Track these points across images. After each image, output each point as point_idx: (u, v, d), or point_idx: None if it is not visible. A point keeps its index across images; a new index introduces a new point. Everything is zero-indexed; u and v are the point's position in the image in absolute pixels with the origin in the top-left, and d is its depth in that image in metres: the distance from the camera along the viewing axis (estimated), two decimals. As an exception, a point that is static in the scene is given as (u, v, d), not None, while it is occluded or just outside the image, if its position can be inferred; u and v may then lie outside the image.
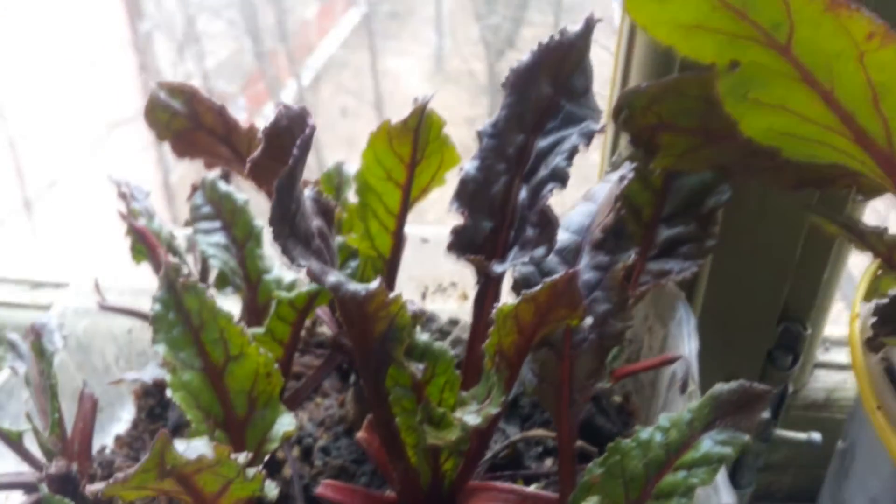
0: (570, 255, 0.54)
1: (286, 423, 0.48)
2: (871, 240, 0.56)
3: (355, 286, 0.40)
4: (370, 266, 0.62)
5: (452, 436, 0.46)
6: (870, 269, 0.66)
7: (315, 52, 3.95)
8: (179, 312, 0.47)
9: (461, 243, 0.52)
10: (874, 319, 0.57)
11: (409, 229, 0.72)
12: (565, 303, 0.42)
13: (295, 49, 3.86)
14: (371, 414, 0.52)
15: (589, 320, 0.51)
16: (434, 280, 0.79)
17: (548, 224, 0.50)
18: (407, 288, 0.78)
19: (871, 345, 0.57)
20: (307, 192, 0.44)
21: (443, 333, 0.76)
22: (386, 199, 0.59)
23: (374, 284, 0.41)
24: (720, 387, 0.47)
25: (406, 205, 0.60)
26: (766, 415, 0.79)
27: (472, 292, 0.57)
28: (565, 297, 0.41)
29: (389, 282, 0.63)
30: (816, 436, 0.80)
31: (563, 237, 0.55)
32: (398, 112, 0.54)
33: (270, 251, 0.65)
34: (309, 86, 3.82)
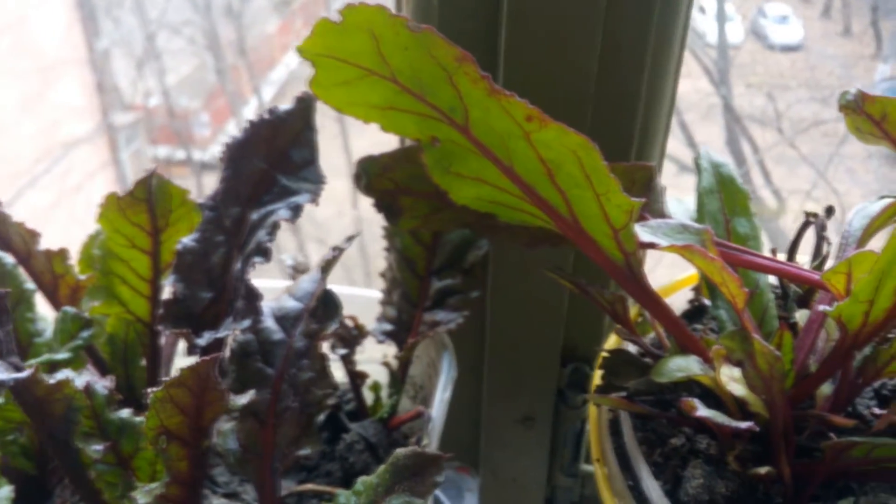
0: (290, 322, 0.55)
1: (2, 496, 0.50)
2: (595, 294, 0.58)
3: (2, 376, 0.42)
4: (132, 330, 0.64)
5: (142, 510, 0.48)
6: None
7: (277, 66, 3.96)
8: None
9: (174, 315, 0.54)
10: (602, 373, 0.59)
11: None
12: (212, 386, 0.44)
13: (256, 64, 3.87)
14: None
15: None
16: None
17: (252, 297, 0.52)
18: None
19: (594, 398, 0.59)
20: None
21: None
22: (134, 265, 0.61)
23: (24, 374, 0.43)
24: (399, 452, 0.49)
25: (158, 270, 0.62)
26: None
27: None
28: (210, 381, 0.43)
29: (154, 344, 0.65)
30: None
31: (289, 304, 0.57)
32: (361, 126, 0.54)
33: (45, 314, 0.67)
34: (271, 100, 3.83)
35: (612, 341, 0.64)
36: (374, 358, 0.77)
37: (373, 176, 0.60)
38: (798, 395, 0.54)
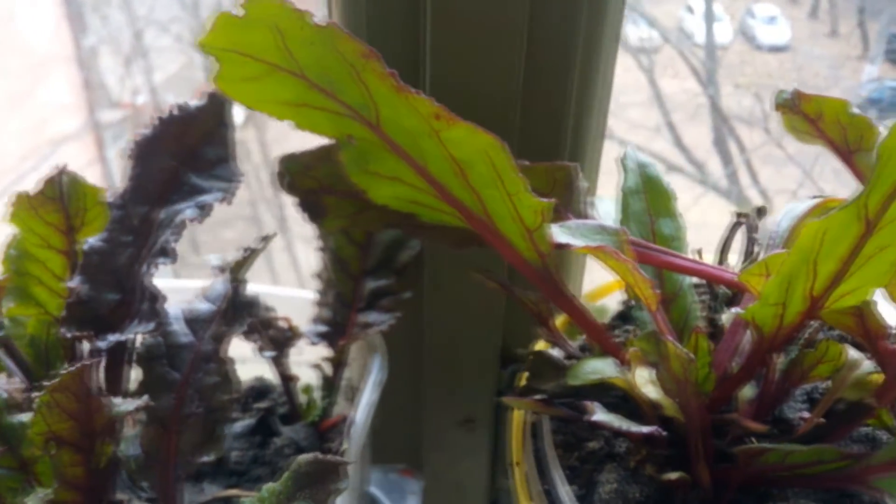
0: (201, 324, 0.54)
1: None
2: (519, 296, 0.57)
3: None
4: (51, 332, 0.62)
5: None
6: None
7: (265, 64, 3.93)
8: None
9: (79, 317, 0.52)
10: (528, 374, 0.58)
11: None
12: (94, 391, 0.42)
13: (244, 62, 3.84)
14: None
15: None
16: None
17: (154, 299, 0.51)
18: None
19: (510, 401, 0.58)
20: None
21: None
22: (50, 265, 0.60)
23: None
24: (300, 459, 0.48)
25: (74, 270, 0.60)
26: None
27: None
28: (92, 386, 0.42)
29: (73, 345, 0.63)
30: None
31: (201, 306, 0.55)
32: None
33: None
34: (259, 98, 3.82)
35: (539, 344, 0.62)
36: (314, 360, 0.76)
37: (295, 175, 0.59)
38: (719, 399, 0.53)
